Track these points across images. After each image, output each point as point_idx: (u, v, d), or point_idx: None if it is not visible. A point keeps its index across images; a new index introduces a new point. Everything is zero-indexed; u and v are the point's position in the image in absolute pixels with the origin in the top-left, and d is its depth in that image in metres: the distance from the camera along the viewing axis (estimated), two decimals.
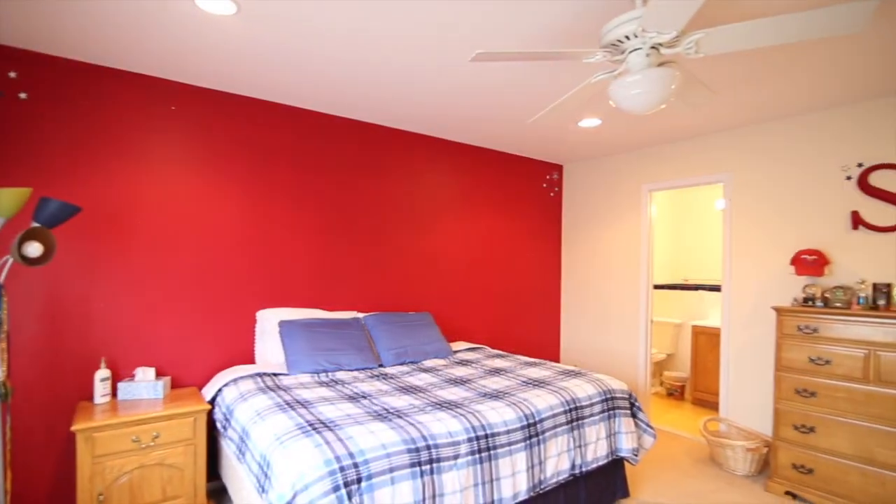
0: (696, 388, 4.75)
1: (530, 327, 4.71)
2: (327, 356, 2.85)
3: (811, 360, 2.77)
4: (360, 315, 3.44)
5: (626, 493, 2.80)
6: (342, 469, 1.56)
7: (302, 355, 2.79)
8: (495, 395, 2.37)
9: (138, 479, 2.25)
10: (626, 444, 2.64)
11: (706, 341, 4.58)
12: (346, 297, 3.50)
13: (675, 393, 5.09)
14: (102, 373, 2.43)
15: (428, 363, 3.16)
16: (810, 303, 2.90)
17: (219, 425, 2.46)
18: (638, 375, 4.23)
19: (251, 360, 3.05)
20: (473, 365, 3.11)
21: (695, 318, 5.14)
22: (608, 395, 2.64)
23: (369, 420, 1.90)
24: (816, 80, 2.68)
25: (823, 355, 2.73)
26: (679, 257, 5.48)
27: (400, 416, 1.96)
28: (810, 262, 2.99)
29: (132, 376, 2.64)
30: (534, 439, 2.19)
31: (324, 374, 2.76)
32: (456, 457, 1.87)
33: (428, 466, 1.76)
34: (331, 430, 1.77)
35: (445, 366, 3.09)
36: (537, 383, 2.61)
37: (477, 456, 1.93)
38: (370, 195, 3.62)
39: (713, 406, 4.50)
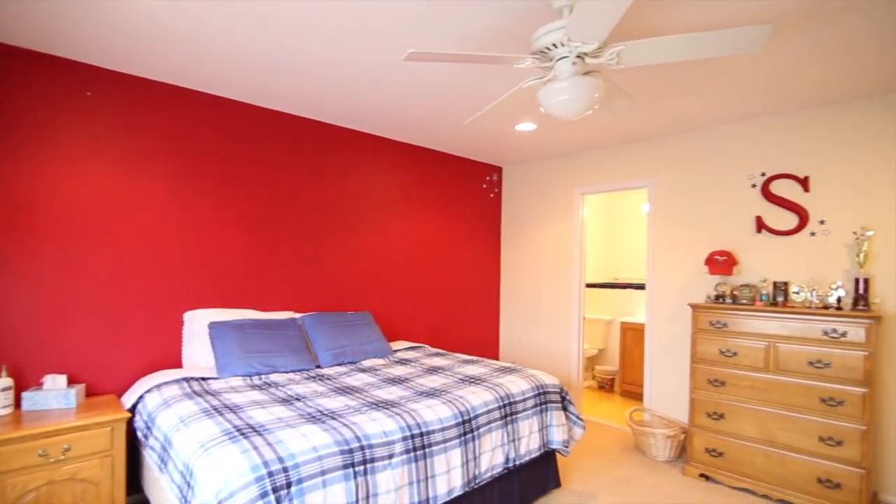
0: (625, 380, 5.03)
1: (471, 325, 4.79)
2: (261, 358, 2.76)
3: (721, 353, 3.03)
4: (297, 315, 3.35)
5: (557, 484, 2.93)
6: (270, 474, 1.53)
7: (233, 358, 2.68)
8: (432, 394, 2.40)
9: (46, 497, 2.08)
10: (557, 437, 2.75)
11: (633, 337, 4.87)
12: (282, 296, 3.40)
13: (606, 386, 5.37)
14: (2, 382, 2.21)
15: (367, 363, 3.14)
16: (721, 300, 3.17)
17: (139, 434, 2.32)
18: (571, 370, 4.42)
19: (178, 365, 2.89)
20: (412, 364, 3.13)
21: (624, 315, 5.44)
22: (541, 390, 2.75)
23: (302, 423, 1.86)
24: (726, 95, 2.93)
25: (731, 348, 2.99)
26: (610, 257, 5.78)
27: (334, 418, 1.94)
28: (721, 263, 3.27)
29: (40, 385, 2.42)
30: (469, 436, 2.24)
31: (257, 376, 2.67)
32: (391, 456, 1.88)
33: (361, 467, 1.76)
34: (260, 434, 1.72)
35: (384, 365, 3.09)
36: (474, 380, 2.67)
37: (412, 454, 1.95)
38: (308, 192, 3.54)
39: (639, 397, 4.79)
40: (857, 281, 2.73)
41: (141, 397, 2.44)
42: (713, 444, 3.06)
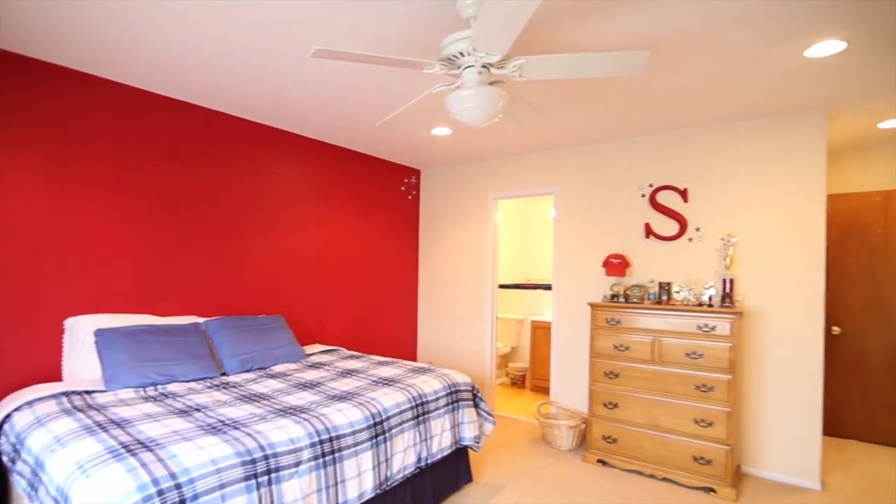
0: (535, 376, 5.31)
1: (389, 326, 4.80)
2: (157, 367, 2.56)
3: (616, 347, 3.31)
4: (201, 320, 3.15)
5: (469, 479, 3.03)
6: (161, 493, 1.43)
7: (123, 368, 2.47)
8: (344, 397, 2.38)
9: None
10: (468, 433, 2.85)
11: (542, 335, 5.16)
12: (184, 300, 3.18)
13: (518, 382, 5.64)
14: None
15: (277, 368, 3.03)
16: (616, 299, 3.47)
17: (6, 459, 2.05)
18: (485, 368, 4.59)
19: (57, 378, 2.60)
20: (326, 367, 3.07)
21: (534, 315, 5.74)
22: (453, 389, 2.83)
23: (200, 435, 1.76)
24: (618, 112, 3.21)
25: (624, 342, 3.28)
26: (524, 259, 6.07)
27: (237, 427, 1.86)
28: (616, 265, 3.58)
29: None
30: (380, 437, 2.25)
31: (152, 387, 2.47)
32: (297, 464, 1.84)
33: (265, 477, 1.71)
34: (150, 450, 1.60)
35: (296, 370, 3.00)
36: (387, 382, 2.68)
37: (321, 460, 1.93)
38: (215, 188, 3.34)
39: (548, 392, 5.08)
40: (724, 281, 3.13)
41: (8, 416, 2.16)
42: (609, 431, 3.34)
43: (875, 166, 3.96)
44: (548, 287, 5.62)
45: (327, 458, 1.96)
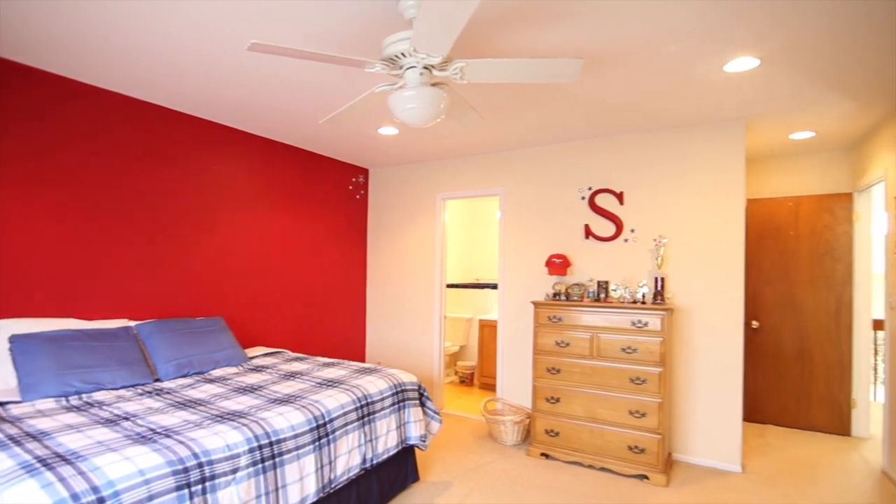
0: (483, 374, 5.41)
1: (336, 327, 4.73)
2: (81, 374, 2.40)
3: (557, 344, 3.44)
4: (133, 323, 2.99)
5: (416, 478, 3.04)
6: None
7: (42, 376, 2.29)
8: (286, 400, 2.33)
9: None
10: (414, 433, 2.86)
11: (489, 333, 5.26)
12: (114, 303, 3.00)
13: (466, 380, 5.71)
14: None
15: (217, 373, 2.92)
16: (558, 297, 3.60)
17: None
18: (433, 367, 4.62)
19: None
20: (269, 370, 2.99)
21: (482, 313, 5.84)
22: (399, 389, 2.83)
23: (127, 444, 1.67)
24: (561, 116, 3.34)
25: (565, 339, 3.41)
26: (472, 259, 6.16)
27: (169, 436, 1.78)
28: (558, 264, 3.72)
29: None
30: (324, 440, 2.23)
31: (75, 396, 2.31)
32: (235, 470, 1.79)
33: (199, 486, 1.65)
34: (70, 463, 1.51)
35: (237, 374, 2.90)
36: (332, 384, 2.65)
37: (260, 466, 1.88)
38: (150, 185, 3.17)
39: (495, 389, 5.18)
40: (656, 280, 3.33)
41: None
42: (551, 425, 3.46)
43: (788, 173, 4.33)
44: (495, 286, 5.73)
45: (267, 463, 1.92)
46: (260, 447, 1.90)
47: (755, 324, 4.32)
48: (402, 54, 1.79)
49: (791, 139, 3.77)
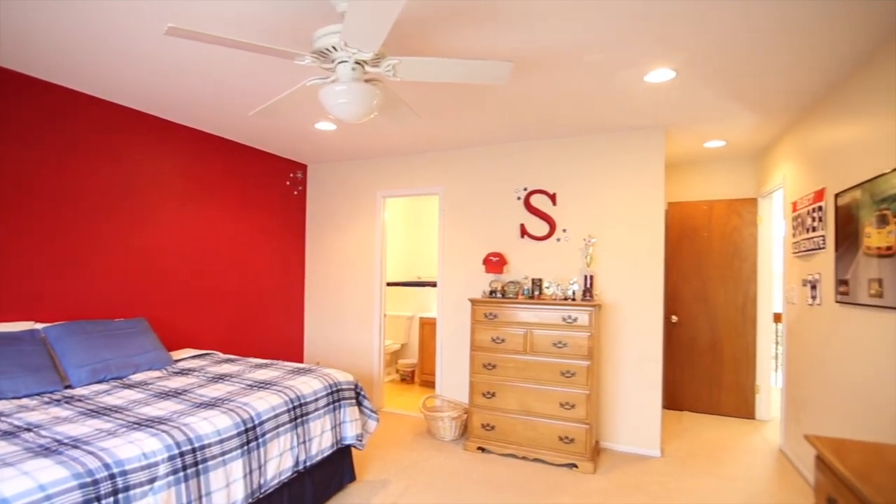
0: (423, 371, 5.44)
1: (273, 327, 4.58)
2: None
3: (493, 340, 3.53)
4: (39, 326, 2.75)
5: (352, 478, 3.02)
6: None
7: None
8: (212, 404, 2.24)
9: None
10: (350, 432, 2.84)
11: (430, 331, 5.30)
12: (18, 303, 2.74)
13: (407, 378, 5.73)
14: None
15: (137, 377, 2.75)
16: (494, 295, 3.69)
17: None
18: (373, 365, 4.60)
19: None
20: (195, 374, 2.86)
21: (423, 311, 5.87)
22: (334, 388, 2.80)
23: (27, 458, 1.54)
24: (496, 118, 3.43)
25: (501, 335, 3.51)
26: (414, 258, 6.17)
27: (77, 446, 1.66)
28: (495, 263, 3.82)
29: None
30: (253, 443, 2.16)
31: None
32: (152, 480, 1.70)
33: (111, 499, 1.55)
34: None
35: (160, 378, 2.75)
36: (263, 385, 2.58)
37: (181, 474, 1.80)
38: (58, 174, 2.92)
39: (434, 385, 5.24)
40: (585, 277, 3.50)
41: None
42: (487, 419, 3.55)
43: (703, 179, 4.69)
44: (435, 284, 5.78)
45: (189, 470, 1.83)
46: (181, 454, 1.82)
47: (674, 318, 4.66)
48: (334, 48, 1.77)
49: (705, 147, 4.09)
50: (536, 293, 3.63)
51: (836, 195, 2.59)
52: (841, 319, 2.59)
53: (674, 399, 4.66)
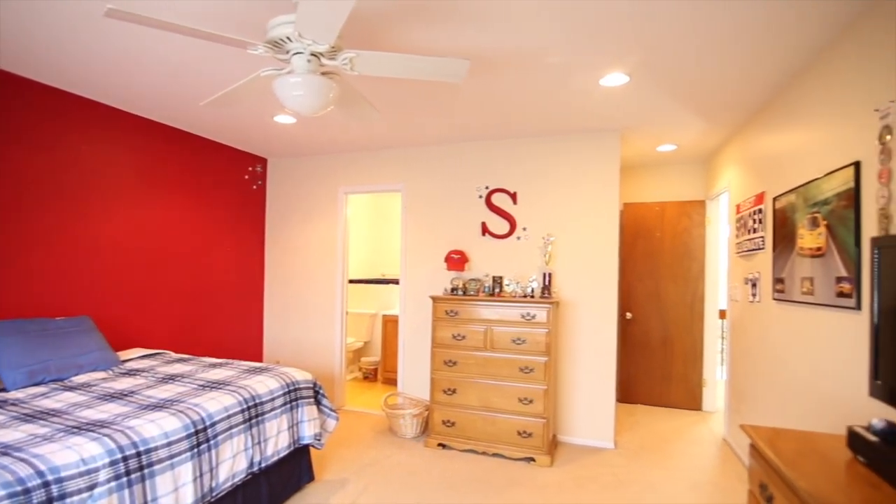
0: (386, 369, 5.42)
1: (230, 326, 4.45)
2: None
3: (454, 337, 3.56)
4: None
5: (311, 478, 2.98)
6: None
7: None
8: (161, 405, 2.16)
9: None
10: (308, 432, 2.80)
11: (392, 328, 5.28)
12: None
13: (370, 376, 5.69)
14: None
15: (80, 379, 2.62)
16: (455, 292, 3.72)
17: None
18: (335, 364, 4.54)
19: None
20: (144, 374, 2.75)
21: (386, 309, 5.85)
22: (292, 387, 2.75)
23: None
24: (458, 116, 3.45)
25: (462, 332, 3.54)
26: (378, 254, 6.13)
27: (7, 454, 1.57)
28: (456, 260, 3.85)
29: None
30: (203, 446, 2.10)
31: None
32: (92, 487, 1.62)
33: None
34: None
35: (105, 379, 2.63)
36: (216, 385, 2.51)
37: (124, 479, 1.73)
38: None
39: (397, 383, 5.23)
40: (544, 275, 3.58)
41: None
42: (448, 416, 3.58)
43: (657, 181, 4.88)
44: (398, 282, 5.77)
45: (133, 475, 1.77)
46: (125, 459, 1.75)
47: (629, 315, 4.82)
48: (288, 38, 1.74)
49: (658, 151, 4.25)
50: (497, 290, 3.68)
51: (775, 199, 2.75)
52: (778, 316, 2.76)
53: (627, 393, 4.83)
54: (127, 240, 3.51)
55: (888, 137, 1.71)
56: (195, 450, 2.05)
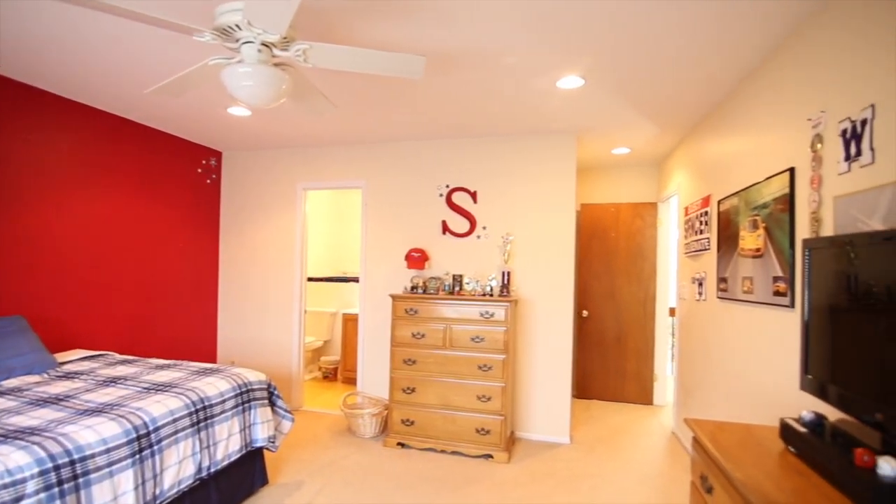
0: (346, 368, 5.35)
1: (182, 325, 4.27)
2: None
3: (413, 335, 3.55)
4: None
5: (265, 481, 2.90)
6: None
7: None
8: (100, 410, 2.05)
9: None
10: (261, 434, 2.73)
11: (352, 327, 5.21)
12: None
13: (330, 375, 5.60)
14: None
15: (11, 383, 2.45)
16: (416, 290, 3.71)
17: None
18: (293, 363, 4.44)
19: None
20: (83, 377, 2.60)
21: (347, 307, 5.77)
22: (244, 389, 2.67)
23: None
24: (419, 114, 3.44)
25: (421, 330, 3.54)
26: (338, 252, 6.02)
27: None
28: (417, 258, 3.83)
29: None
30: (146, 452, 2.01)
31: None
32: (18, 499, 1.52)
33: None
34: None
35: (39, 383, 2.47)
36: (162, 388, 2.40)
37: (55, 490, 1.62)
38: None
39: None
40: (503, 274, 3.62)
41: None
42: (407, 415, 3.57)
43: (611, 182, 5.03)
44: (358, 280, 5.70)
45: (66, 485, 1.66)
46: (56, 468, 1.64)
47: (585, 313, 4.95)
48: (237, 26, 1.68)
49: (613, 153, 4.38)
50: (457, 289, 3.69)
51: (719, 202, 2.89)
52: (721, 313, 2.90)
53: (583, 388, 4.96)
54: (68, 234, 3.31)
55: (819, 146, 1.82)
56: (137, 456, 1.96)
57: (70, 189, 3.31)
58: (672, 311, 4.82)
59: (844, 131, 1.66)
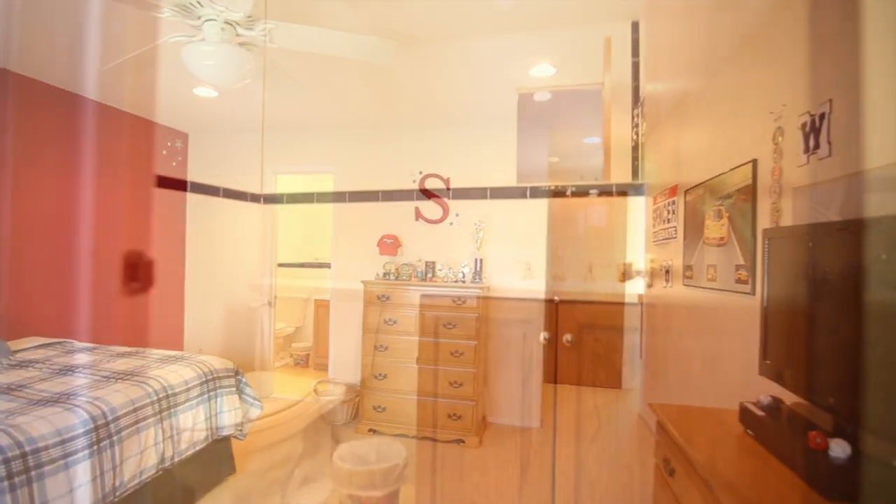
0: (318, 355, 5.30)
1: (146, 311, 4.14)
2: None
3: (385, 322, 3.53)
4: None
5: (232, 470, 2.86)
6: None
7: None
8: (54, 400, 1.97)
9: None
10: (228, 422, 2.68)
11: (324, 313, 5.15)
12: None
13: (302, 362, 5.54)
14: None
15: None
16: (388, 277, 3.69)
17: None
18: (263, 350, 4.37)
19: None
20: (39, 366, 2.49)
21: (319, 293, 5.69)
22: (210, 377, 2.61)
23: None
24: (391, 99, 3.38)
25: (393, 317, 3.52)
26: (311, 238, 5.93)
27: None
28: (389, 245, 3.80)
29: None
30: (105, 442, 1.94)
31: None
32: None
33: None
34: None
35: None
36: (123, 376, 2.32)
37: (5, 483, 1.56)
38: None
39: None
40: (476, 261, 3.63)
41: None
42: (379, 401, 3.56)
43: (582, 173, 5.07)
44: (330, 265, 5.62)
45: (18, 478, 1.60)
46: (6, 461, 1.58)
47: (557, 298, 5.02)
48: (199, 3, 1.59)
49: (585, 143, 4.40)
50: (430, 275, 3.68)
51: (686, 191, 2.94)
52: (687, 300, 2.97)
53: (553, 374, 5.05)
54: (25, 217, 3.15)
55: (780, 139, 1.86)
56: (95, 447, 1.89)
57: (25, 169, 3.14)
58: (641, 298, 4.93)
59: (804, 125, 1.69)
